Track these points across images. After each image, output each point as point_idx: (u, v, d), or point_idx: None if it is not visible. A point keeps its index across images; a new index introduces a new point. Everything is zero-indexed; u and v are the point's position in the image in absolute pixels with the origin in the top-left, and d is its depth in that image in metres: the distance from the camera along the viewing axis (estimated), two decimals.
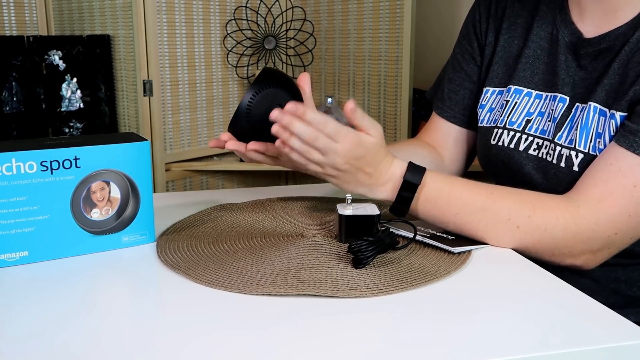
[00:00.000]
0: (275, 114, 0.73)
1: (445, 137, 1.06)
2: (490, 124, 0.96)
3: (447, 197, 0.79)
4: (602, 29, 0.86)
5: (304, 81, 0.85)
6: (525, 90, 0.93)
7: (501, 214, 0.77)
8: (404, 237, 0.82)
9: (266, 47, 2.15)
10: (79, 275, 0.71)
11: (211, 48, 2.07)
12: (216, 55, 2.09)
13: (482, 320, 0.60)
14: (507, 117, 0.93)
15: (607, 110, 0.81)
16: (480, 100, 0.99)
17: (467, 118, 1.05)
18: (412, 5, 1.88)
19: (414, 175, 0.79)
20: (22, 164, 0.71)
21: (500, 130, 0.93)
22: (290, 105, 0.72)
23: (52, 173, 0.73)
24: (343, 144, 0.74)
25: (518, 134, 0.91)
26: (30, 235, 0.73)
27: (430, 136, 1.08)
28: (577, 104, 0.86)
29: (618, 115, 0.79)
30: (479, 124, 0.99)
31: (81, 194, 0.75)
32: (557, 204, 0.77)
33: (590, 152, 0.81)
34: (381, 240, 0.74)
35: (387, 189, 0.80)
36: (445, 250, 0.78)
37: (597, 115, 0.82)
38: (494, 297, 0.65)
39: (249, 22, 2.12)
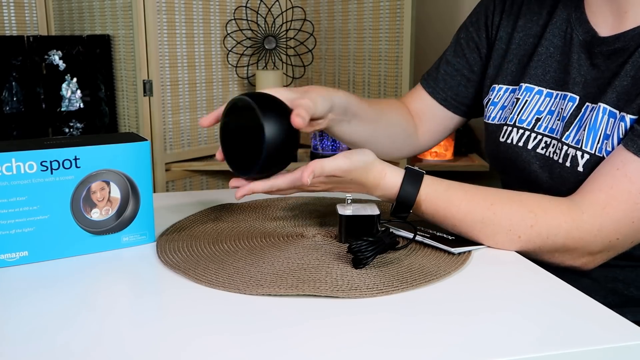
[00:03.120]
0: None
1: (426, 113, 1.07)
2: (500, 121, 0.96)
3: (444, 211, 0.79)
4: (616, 29, 0.85)
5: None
6: (536, 88, 0.92)
7: (502, 225, 0.77)
8: (404, 238, 0.82)
9: (266, 47, 2.15)
10: (79, 275, 0.71)
11: (211, 48, 2.06)
12: (216, 55, 2.09)
13: (482, 320, 0.60)
14: (517, 115, 0.92)
15: (617, 112, 0.81)
16: (492, 98, 0.98)
17: (458, 104, 1.05)
18: (412, 5, 1.88)
19: (407, 193, 0.78)
20: (22, 164, 0.71)
21: (509, 128, 0.93)
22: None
23: (52, 173, 0.73)
24: (312, 185, 0.78)
25: (527, 132, 0.91)
26: (30, 235, 0.73)
27: (412, 105, 1.08)
28: (587, 103, 0.85)
29: (628, 117, 0.79)
30: (488, 121, 0.98)
31: (81, 194, 0.75)
32: (561, 210, 0.76)
33: (597, 153, 0.81)
34: (381, 241, 0.74)
35: (384, 196, 0.81)
36: (445, 251, 0.78)
37: (606, 116, 0.81)
38: (494, 298, 0.65)
39: (249, 22, 2.12)
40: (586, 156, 0.82)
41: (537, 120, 0.91)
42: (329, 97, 0.86)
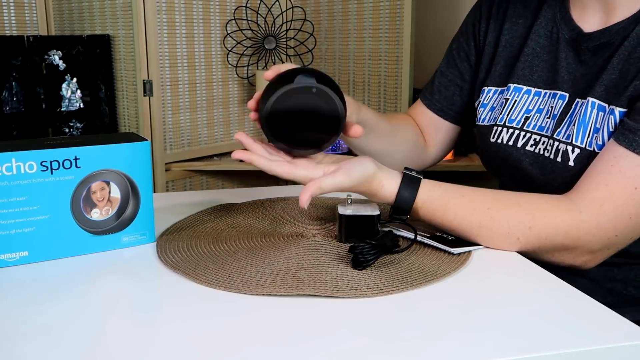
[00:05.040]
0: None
1: (428, 126, 1.09)
2: (490, 122, 0.97)
3: (441, 218, 0.79)
4: (602, 25, 0.86)
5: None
6: (525, 88, 0.93)
7: (499, 228, 0.77)
8: (404, 238, 0.82)
9: (266, 47, 2.15)
10: (79, 275, 0.71)
11: (211, 48, 2.07)
12: (216, 55, 2.09)
13: (482, 320, 0.60)
14: (507, 115, 0.93)
15: (606, 105, 0.81)
16: (482, 100, 0.99)
17: (455, 113, 1.07)
18: (412, 5, 1.89)
19: (404, 202, 0.78)
20: (22, 164, 0.71)
21: (499, 128, 0.94)
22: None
23: (52, 173, 0.73)
24: None
25: (517, 131, 0.91)
26: (30, 235, 0.73)
27: (415, 120, 1.11)
28: (577, 99, 0.86)
29: (617, 111, 0.79)
30: (479, 123, 0.99)
31: (81, 194, 0.75)
32: (559, 210, 0.76)
33: (587, 147, 0.81)
34: (383, 244, 0.73)
35: (383, 202, 0.81)
36: (445, 251, 0.78)
37: (595, 110, 0.82)
38: (494, 298, 0.65)
39: (249, 22, 2.13)
40: (577, 150, 0.82)
41: (526, 119, 0.91)
42: (358, 110, 0.90)
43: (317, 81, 0.76)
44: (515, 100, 0.93)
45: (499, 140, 0.93)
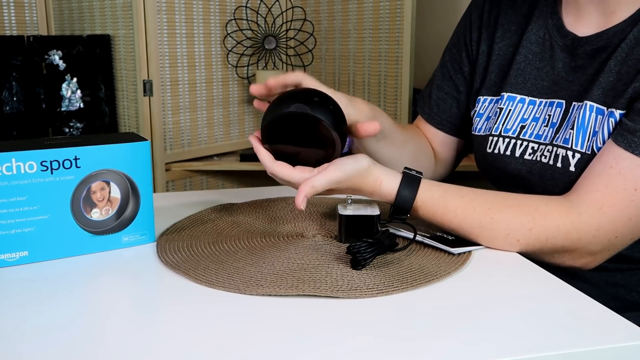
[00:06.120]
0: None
1: (432, 140, 1.08)
2: (485, 132, 0.96)
3: (441, 217, 0.79)
4: (600, 29, 0.85)
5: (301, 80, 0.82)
6: (519, 97, 0.92)
7: (499, 230, 0.77)
8: (404, 238, 0.82)
9: (266, 47, 2.15)
10: (79, 275, 0.71)
11: (211, 48, 2.07)
12: (216, 55, 2.09)
13: (482, 320, 0.60)
14: (502, 125, 0.92)
15: (604, 108, 0.81)
16: (477, 109, 0.98)
17: (455, 126, 1.05)
18: (412, 5, 1.88)
19: (404, 201, 0.78)
20: (22, 164, 0.71)
21: (495, 138, 0.93)
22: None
23: (52, 173, 0.73)
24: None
25: (513, 141, 0.90)
26: (30, 235, 0.73)
27: None
28: (573, 103, 0.85)
29: (617, 113, 0.79)
30: (475, 133, 0.98)
31: (81, 194, 0.75)
32: (559, 212, 0.76)
33: (587, 152, 0.81)
34: (380, 242, 0.73)
35: (382, 201, 0.81)
36: (445, 251, 0.78)
37: (594, 114, 0.81)
38: (494, 298, 0.65)
39: (249, 22, 2.13)
40: (577, 155, 0.81)
41: (522, 127, 0.90)
42: (372, 118, 0.87)
43: (319, 102, 0.75)
44: (510, 110, 0.92)
45: (496, 151, 0.92)
